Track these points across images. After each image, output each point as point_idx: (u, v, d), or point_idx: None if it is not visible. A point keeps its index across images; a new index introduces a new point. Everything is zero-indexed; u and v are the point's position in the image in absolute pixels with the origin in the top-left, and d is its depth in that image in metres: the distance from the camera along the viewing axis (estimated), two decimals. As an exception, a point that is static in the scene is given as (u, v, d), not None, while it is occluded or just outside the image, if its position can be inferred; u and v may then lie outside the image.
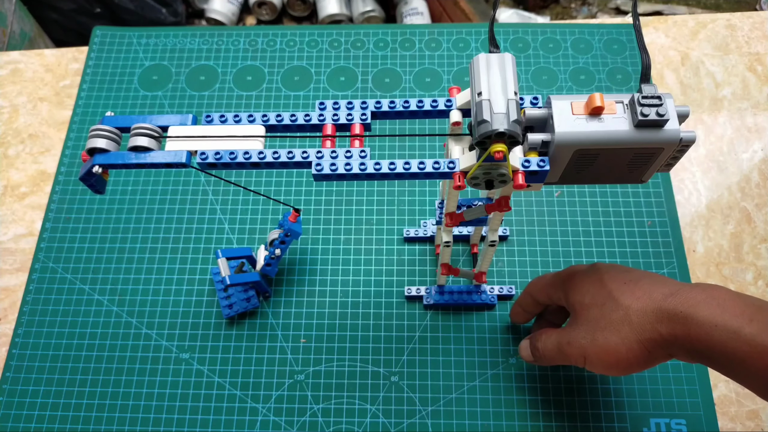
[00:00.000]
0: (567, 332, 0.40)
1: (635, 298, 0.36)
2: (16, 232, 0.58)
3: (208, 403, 0.50)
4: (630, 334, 0.35)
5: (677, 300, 0.34)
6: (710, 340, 0.32)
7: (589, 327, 0.38)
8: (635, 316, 0.35)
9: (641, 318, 0.35)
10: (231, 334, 0.53)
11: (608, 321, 0.37)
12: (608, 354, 0.36)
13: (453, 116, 0.33)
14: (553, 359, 0.42)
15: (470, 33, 0.67)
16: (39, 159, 0.62)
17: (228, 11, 1.49)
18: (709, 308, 0.32)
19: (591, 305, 0.38)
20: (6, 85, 0.66)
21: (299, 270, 0.55)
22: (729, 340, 0.31)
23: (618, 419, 0.48)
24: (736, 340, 0.31)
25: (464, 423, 0.49)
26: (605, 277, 0.39)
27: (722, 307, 0.32)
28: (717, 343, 0.32)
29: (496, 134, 0.28)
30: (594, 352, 0.37)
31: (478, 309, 0.53)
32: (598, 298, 0.38)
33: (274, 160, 0.33)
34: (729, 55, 0.65)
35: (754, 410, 0.49)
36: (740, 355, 0.31)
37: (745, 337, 0.31)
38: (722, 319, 0.32)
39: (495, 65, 0.29)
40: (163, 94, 0.65)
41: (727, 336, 0.31)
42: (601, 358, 0.37)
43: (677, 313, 0.33)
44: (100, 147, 0.32)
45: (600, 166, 0.32)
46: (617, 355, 0.36)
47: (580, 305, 0.39)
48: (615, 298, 0.37)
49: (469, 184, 0.32)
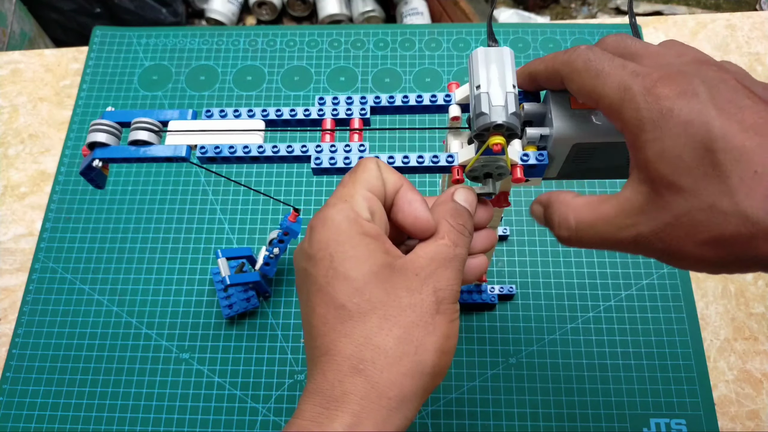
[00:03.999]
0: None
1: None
2: (16, 232, 0.58)
3: (208, 403, 0.50)
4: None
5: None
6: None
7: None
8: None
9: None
10: (231, 334, 0.53)
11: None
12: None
13: (452, 111, 0.33)
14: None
15: (470, 33, 0.67)
16: (39, 159, 0.62)
17: (228, 11, 1.49)
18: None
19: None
20: (6, 85, 0.66)
21: (299, 270, 0.55)
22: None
23: (618, 419, 0.48)
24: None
25: (464, 423, 0.49)
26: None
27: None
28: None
29: (494, 126, 0.28)
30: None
31: (479, 309, 0.53)
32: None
33: (273, 154, 0.33)
34: (729, 55, 0.65)
35: (754, 410, 0.49)
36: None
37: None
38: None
39: (493, 59, 0.29)
40: (163, 94, 0.65)
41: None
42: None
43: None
44: (101, 141, 0.32)
45: (599, 160, 0.32)
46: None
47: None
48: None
49: (468, 177, 0.32)
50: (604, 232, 0.25)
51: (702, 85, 0.22)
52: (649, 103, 0.23)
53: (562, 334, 0.52)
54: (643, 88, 0.23)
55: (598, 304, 0.53)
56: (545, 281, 0.54)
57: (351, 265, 0.26)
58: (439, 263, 0.27)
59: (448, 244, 0.28)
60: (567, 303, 0.53)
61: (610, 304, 0.52)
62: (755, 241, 0.20)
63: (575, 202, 0.27)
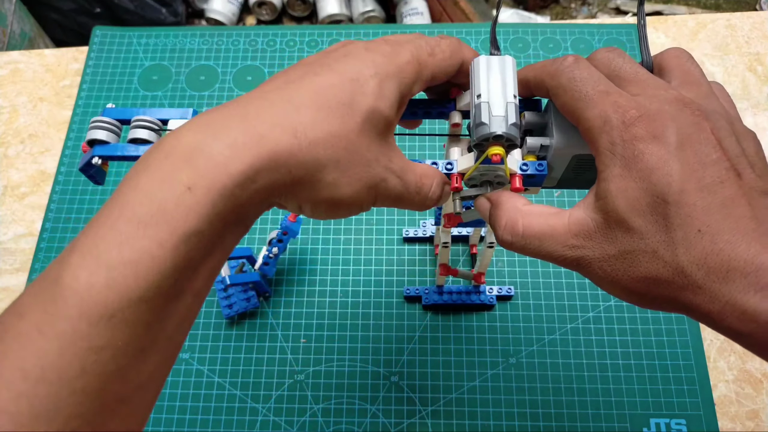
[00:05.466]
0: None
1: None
2: (16, 232, 0.58)
3: (208, 403, 0.50)
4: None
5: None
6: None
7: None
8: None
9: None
10: (231, 334, 0.53)
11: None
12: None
13: (453, 117, 0.33)
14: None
15: (470, 33, 0.67)
16: (39, 159, 0.62)
17: (228, 11, 1.49)
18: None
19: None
20: (6, 85, 0.66)
21: (299, 270, 0.55)
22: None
23: (618, 419, 0.48)
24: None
25: (464, 423, 0.49)
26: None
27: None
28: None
29: (494, 137, 0.28)
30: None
31: (477, 309, 0.53)
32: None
33: None
34: (729, 55, 0.65)
35: (754, 410, 0.49)
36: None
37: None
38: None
39: (495, 68, 0.29)
40: (163, 94, 0.65)
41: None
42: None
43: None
44: (101, 138, 0.32)
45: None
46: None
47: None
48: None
49: (467, 185, 0.32)
50: (549, 246, 0.26)
51: (675, 134, 0.23)
52: (624, 141, 0.24)
53: (562, 334, 0.52)
54: (621, 123, 0.24)
55: (598, 304, 0.53)
56: (545, 281, 0.54)
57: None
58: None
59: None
60: (567, 303, 0.53)
61: (610, 304, 0.53)
62: (684, 291, 0.22)
63: (526, 209, 0.27)
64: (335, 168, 0.25)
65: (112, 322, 0.21)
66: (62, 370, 0.20)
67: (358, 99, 0.25)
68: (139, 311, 0.21)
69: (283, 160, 0.23)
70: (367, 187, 0.26)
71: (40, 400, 0.20)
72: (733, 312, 0.21)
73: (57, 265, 0.22)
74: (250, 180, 0.23)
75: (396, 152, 0.28)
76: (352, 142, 0.25)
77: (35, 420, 0.20)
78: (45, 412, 0.20)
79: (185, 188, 0.22)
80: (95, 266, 0.21)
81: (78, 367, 0.20)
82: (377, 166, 0.27)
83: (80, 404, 0.20)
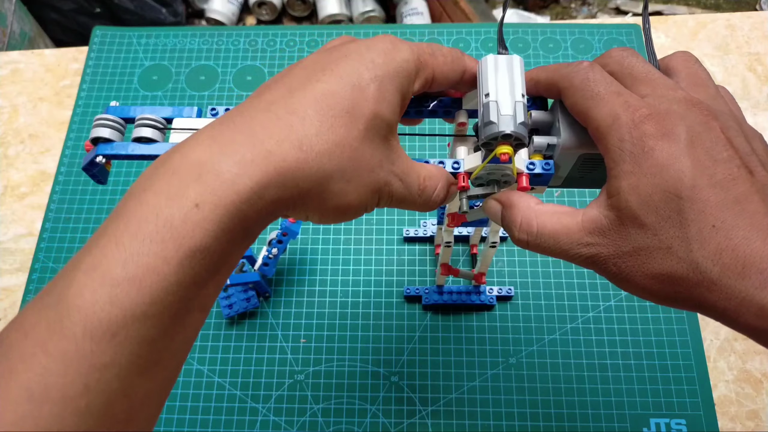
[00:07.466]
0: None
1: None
2: (16, 232, 0.58)
3: (208, 403, 0.50)
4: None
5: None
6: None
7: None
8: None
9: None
10: (231, 334, 0.53)
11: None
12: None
13: (459, 117, 0.33)
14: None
15: (470, 33, 0.67)
16: (39, 159, 0.62)
17: (228, 11, 1.49)
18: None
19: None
20: (6, 85, 0.66)
21: (299, 270, 0.55)
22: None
23: (618, 419, 0.48)
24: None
25: (464, 423, 0.49)
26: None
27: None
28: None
29: (502, 136, 0.28)
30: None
31: (478, 309, 0.53)
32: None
33: None
34: (729, 55, 0.65)
35: (754, 410, 0.49)
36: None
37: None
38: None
39: (503, 67, 0.29)
40: (163, 94, 0.65)
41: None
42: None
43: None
44: (104, 137, 0.32)
45: (604, 171, 0.32)
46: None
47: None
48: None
49: (473, 184, 0.32)
50: (564, 244, 0.26)
51: (685, 131, 0.23)
52: (634, 138, 0.24)
53: (562, 334, 0.52)
54: (631, 121, 0.24)
55: (598, 304, 0.53)
56: (545, 281, 0.54)
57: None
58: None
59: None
60: (567, 303, 0.53)
61: (610, 304, 0.53)
62: (699, 288, 0.22)
63: (540, 209, 0.27)
64: (341, 177, 0.25)
65: (116, 340, 0.20)
66: (65, 389, 0.20)
67: (360, 105, 0.25)
68: (143, 328, 0.21)
69: (290, 175, 0.23)
70: (372, 191, 0.27)
71: (45, 420, 0.20)
72: (750, 309, 0.21)
73: (61, 281, 0.22)
74: (258, 196, 0.23)
75: (398, 154, 0.28)
76: (357, 149, 0.25)
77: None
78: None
79: (193, 205, 0.22)
80: (99, 283, 0.21)
81: (81, 385, 0.20)
82: (381, 170, 0.27)
83: (83, 423, 0.20)
